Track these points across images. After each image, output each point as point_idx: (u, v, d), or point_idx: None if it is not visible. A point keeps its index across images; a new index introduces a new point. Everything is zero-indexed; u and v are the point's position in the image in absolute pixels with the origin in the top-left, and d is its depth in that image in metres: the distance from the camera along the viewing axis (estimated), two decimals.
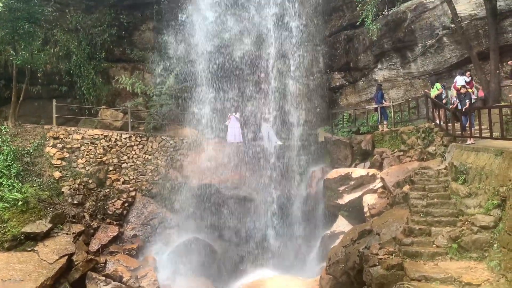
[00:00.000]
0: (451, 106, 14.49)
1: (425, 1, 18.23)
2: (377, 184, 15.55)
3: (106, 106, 21.29)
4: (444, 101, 16.04)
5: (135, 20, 22.67)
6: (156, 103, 20.18)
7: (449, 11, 16.83)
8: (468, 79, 15.56)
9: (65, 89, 21.22)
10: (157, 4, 22.03)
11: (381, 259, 9.52)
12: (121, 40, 22.59)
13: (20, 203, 14.72)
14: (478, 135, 12.49)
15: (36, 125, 18.75)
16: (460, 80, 15.40)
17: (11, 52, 18.30)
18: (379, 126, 18.60)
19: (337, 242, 13.82)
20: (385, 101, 18.87)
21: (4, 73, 19.99)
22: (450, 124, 14.40)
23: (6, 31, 17.84)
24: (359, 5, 19.42)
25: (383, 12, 19.40)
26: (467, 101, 13.34)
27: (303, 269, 16.33)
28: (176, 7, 20.97)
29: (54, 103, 19.03)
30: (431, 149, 14.77)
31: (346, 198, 16.07)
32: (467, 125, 13.12)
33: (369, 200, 14.99)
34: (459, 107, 13.74)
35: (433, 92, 16.20)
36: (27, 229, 14.44)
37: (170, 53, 21.19)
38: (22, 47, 18.08)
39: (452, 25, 17.27)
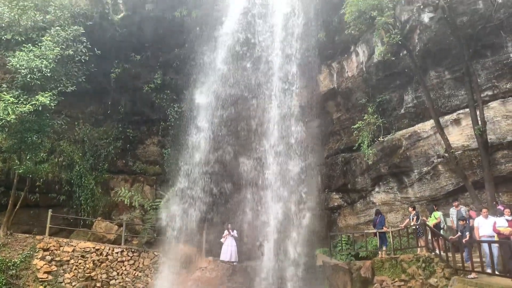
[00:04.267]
0: (450, 237, 14.27)
1: (418, 131, 19.02)
2: None
3: (101, 218, 21.06)
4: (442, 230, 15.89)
5: (141, 134, 23.61)
6: (152, 217, 20.05)
7: (443, 141, 17.47)
8: (510, 218, 12.87)
9: (63, 198, 21.22)
10: (164, 121, 23.10)
11: None
12: (125, 153, 23.26)
13: None
14: (480, 270, 12.11)
15: (27, 235, 18.38)
16: (501, 221, 12.78)
17: (16, 161, 18.67)
18: (379, 252, 18.16)
19: None
20: (385, 226, 18.66)
21: (5, 180, 20.01)
22: (450, 255, 14.04)
23: (14, 141, 18.40)
24: (355, 131, 20.32)
25: (379, 138, 20.14)
26: (467, 233, 13.17)
27: None
28: (182, 125, 21.97)
29: (50, 213, 18.89)
30: (432, 280, 14.20)
31: None
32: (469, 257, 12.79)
33: None
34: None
35: (431, 221, 16.11)
36: None
37: (172, 167, 21.63)
38: (27, 157, 18.51)
39: (446, 155, 17.80)
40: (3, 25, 18.71)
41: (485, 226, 12.99)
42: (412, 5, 18.04)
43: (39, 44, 18.15)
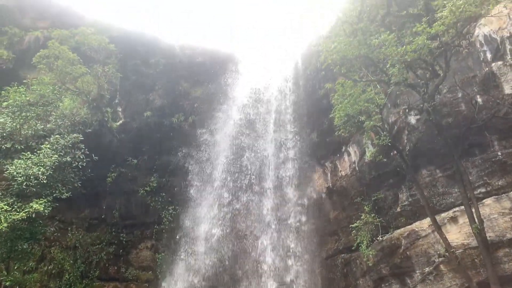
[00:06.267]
0: None
1: (416, 229, 18.71)
2: None
3: None
4: None
5: (134, 238, 23.12)
6: None
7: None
8: None
9: None
10: (158, 224, 22.78)
11: None
12: (117, 258, 22.56)
13: None
14: None
15: None
16: None
17: (3, 271, 17.95)
18: None
19: None
20: None
21: None
22: None
23: (3, 249, 17.78)
24: (353, 231, 20.00)
25: (378, 238, 19.75)
26: None
27: None
28: (174, 228, 21.70)
29: None
30: None
31: None
32: None
33: None
34: None
35: None
36: None
37: (166, 274, 20.87)
38: (15, 266, 17.84)
39: (447, 254, 17.31)
40: (4, 134, 19.16)
41: None
42: (398, 108, 18.92)
43: (38, 152, 18.44)
